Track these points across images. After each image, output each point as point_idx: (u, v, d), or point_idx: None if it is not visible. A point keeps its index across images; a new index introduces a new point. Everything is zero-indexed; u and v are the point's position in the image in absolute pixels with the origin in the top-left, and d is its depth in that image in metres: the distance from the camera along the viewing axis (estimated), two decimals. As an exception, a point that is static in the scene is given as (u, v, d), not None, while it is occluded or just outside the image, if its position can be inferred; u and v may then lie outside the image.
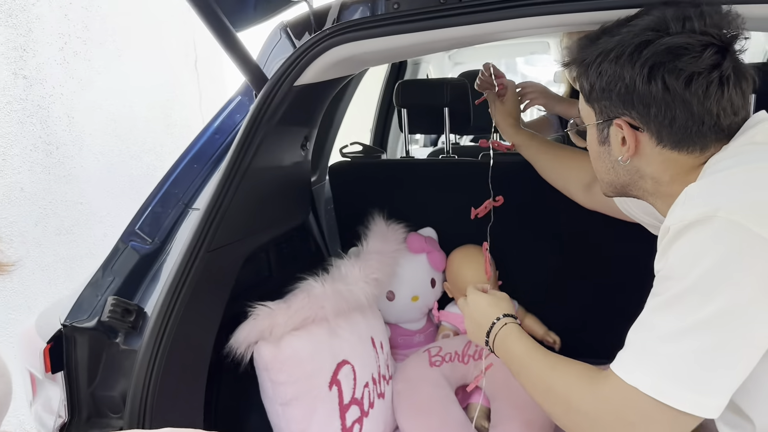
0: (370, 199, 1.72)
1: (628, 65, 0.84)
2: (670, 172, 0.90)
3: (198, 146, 1.32)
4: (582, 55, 0.92)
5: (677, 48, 0.82)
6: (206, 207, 1.12)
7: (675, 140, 0.86)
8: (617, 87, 0.86)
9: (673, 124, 0.85)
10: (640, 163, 0.92)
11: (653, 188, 0.94)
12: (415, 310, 1.68)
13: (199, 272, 1.11)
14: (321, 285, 1.33)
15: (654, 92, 0.83)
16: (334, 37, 1.18)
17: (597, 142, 0.97)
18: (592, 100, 0.94)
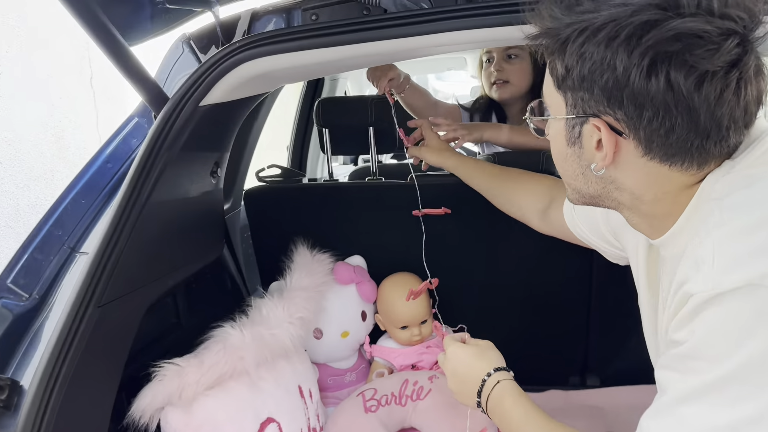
0: (291, 226, 1.58)
1: (622, 52, 0.65)
2: (655, 190, 0.75)
3: (86, 177, 1.13)
4: (557, 27, 0.71)
5: (690, 36, 0.63)
6: (95, 252, 0.93)
7: (667, 153, 0.70)
8: (603, 78, 0.68)
9: (670, 135, 0.68)
10: (617, 174, 0.76)
11: (631, 203, 0.79)
12: (345, 347, 1.54)
13: (88, 332, 0.92)
14: (239, 332, 1.17)
15: (653, 91, 0.65)
16: (243, 52, 1.04)
17: (564, 140, 0.79)
18: (565, 88, 0.74)
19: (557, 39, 0.71)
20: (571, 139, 0.77)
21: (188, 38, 1.24)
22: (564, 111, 0.76)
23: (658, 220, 0.78)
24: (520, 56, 1.77)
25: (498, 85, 1.81)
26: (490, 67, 1.81)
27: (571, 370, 1.66)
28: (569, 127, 0.77)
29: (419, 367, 1.51)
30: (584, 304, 1.55)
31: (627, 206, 0.80)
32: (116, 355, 1.00)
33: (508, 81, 1.80)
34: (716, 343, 0.61)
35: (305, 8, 1.15)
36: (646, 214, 0.79)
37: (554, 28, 0.71)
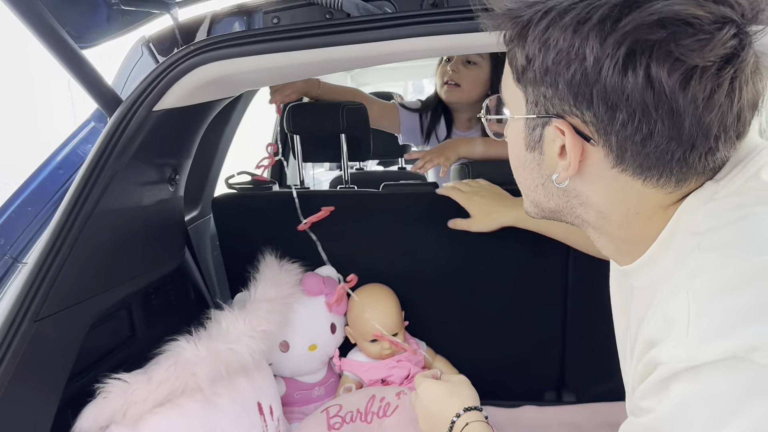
0: (260, 235, 1.53)
1: (594, 38, 0.54)
2: (624, 209, 0.63)
3: (35, 184, 1.08)
4: (519, 8, 0.60)
5: (677, 21, 0.52)
6: (33, 263, 0.88)
7: (642, 165, 0.59)
8: (570, 70, 0.56)
9: (647, 143, 0.56)
10: (582, 187, 0.64)
11: (597, 222, 0.68)
12: (313, 360, 1.49)
13: (22, 348, 0.87)
14: (194, 346, 1.12)
15: (629, 88, 0.54)
16: (199, 55, 1.00)
17: (523, 144, 0.68)
18: (525, 82, 0.63)
19: (517, 22, 0.60)
20: (531, 143, 0.67)
21: (148, 41, 1.20)
22: (523, 110, 0.65)
23: (627, 245, 0.68)
24: (479, 64, 1.74)
25: (449, 86, 1.77)
26: (447, 66, 1.77)
27: (547, 386, 1.62)
28: (529, 128, 0.66)
29: (389, 381, 1.46)
30: (560, 318, 1.51)
31: (592, 225, 0.69)
32: (55, 373, 0.95)
33: (459, 84, 1.76)
34: (689, 423, 0.51)
35: (266, 11, 1.11)
36: (613, 236, 0.68)
37: (515, 9, 0.60)
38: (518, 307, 1.54)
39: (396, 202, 1.49)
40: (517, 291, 1.52)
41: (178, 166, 1.22)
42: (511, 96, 0.68)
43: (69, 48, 1.00)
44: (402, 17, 0.99)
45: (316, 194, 1.55)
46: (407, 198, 1.49)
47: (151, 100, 1.02)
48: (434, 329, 1.58)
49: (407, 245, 1.52)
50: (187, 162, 1.27)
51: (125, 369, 1.09)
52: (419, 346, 1.55)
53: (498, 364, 1.61)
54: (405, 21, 0.99)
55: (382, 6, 1.05)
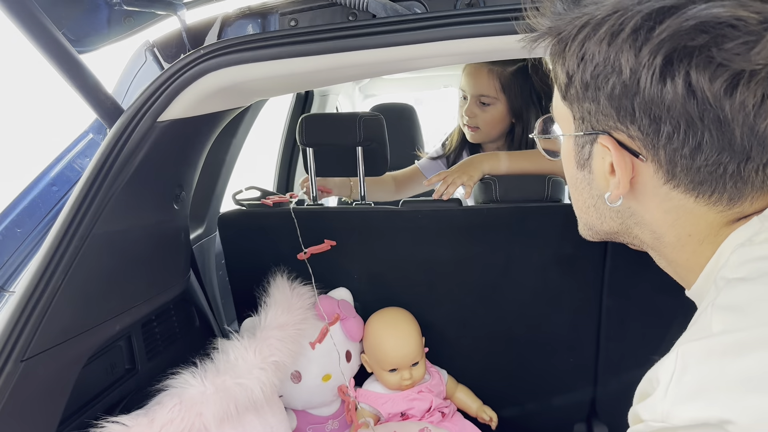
0: (269, 255, 1.43)
1: (628, 49, 0.52)
2: (677, 230, 0.60)
3: (25, 202, 0.97)
4: (559, 25, 0.58)
5: (718, 25, 0.49)
6: (19, 296, 0.78)
7: (695, 180, 0.56)
8: (609, 83, 0.55)
9: (697, 156, 0.53)
10: (636, 206, 0.62)
11: (653, 243, 0.65)
12: (327, 391, 1.38)
13: (7, 391, 0.76)
14: (200, 382, 1.01)
15: (669, 99, 0.52)
16: (209, 60, 0.90)
17: (574, 162, 0.66)
18: (570, 99, 0.62)
19: (558, 39, 0.58)
20: (581, 162, 0.65)
21: (152, 45, 1.10)
22: (572, 127, 0.63)
23: (682, 270, 0.65)
24: (493, 104, 1.64)
25: (470, 128, 1.71)
26: (464, 106, 1.70)
27: (577, 417, 1.51)
28: (578, 146, 0.64)
29: (409, 415, 1.35)
30: (593, 346, 1.40)
31: (650, 246, 0.66)
32: (44, 417, 0.84)
33: (478, 127, 1.69)
34: None
35: (283, 12, 1.02)
36: (670, 260, 0.65)
37: (555, 26, 0.58)
38: (547, 333, 1.43)
39: (416, 219, 1.39)
40: (546, 316, 1.42)
41: (184, 182, 1.12)
42: (559, 114, 0.66)
43: (65, 52, 0.91)
44: (434, 18, 0.90)
45: (331, 211, 1.44)
46: (428, 215, 1.39)
47: (155, 110, 0.93)
48: (457, 357, 1.48)
49: (427, 266, 1.42)
50: (193, 177, 1.17)
51: (125, 407, 0.98)
52: (441, 375, 1.45)
53: (524, 394, 1.50)
54: (437, 22, 0.90)
55: (412, 6, 0.96)
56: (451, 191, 1.43)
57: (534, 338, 1.44)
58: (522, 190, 1.38)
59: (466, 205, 1.42)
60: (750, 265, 0.53)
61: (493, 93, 1.63)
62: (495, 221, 1.37)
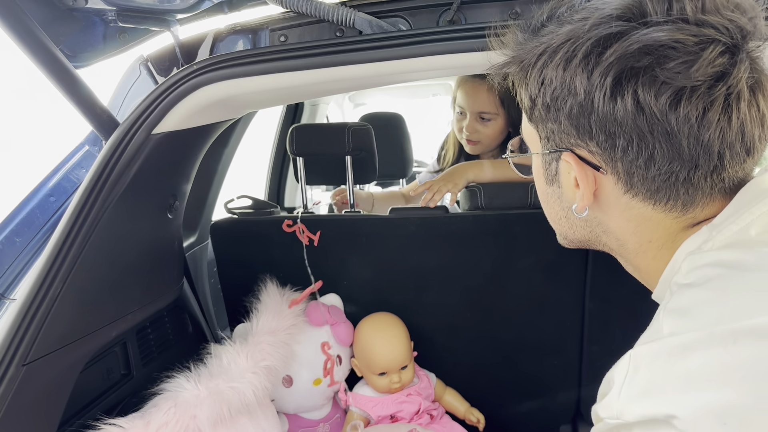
0: (261, 262, 1.46)
1: (581, 73, 0.57)
2: (639, 237, 0.65)
3: (24, 212, 1.00)
4: (520, 54, 0.64)
5: (659, 47, 0.54)
6: (21, 302, 0.81)
7: (650, 189, 0.60)
8: (567, 105, 0.60)
9: (650, 166, 0.58)
10: (601, 216, 0.67)
11: (619, 250, 0.70)
12: (317, 395, 1.41)
13: (9, 395, 0.79)
14: (194, 386, 1.04)
15: (620, 115, 0.57)
16: (202, 74, 0.94)
17: (543, 179, 0.72)
18: (535, 121, 0.67)
19: (520, 66, 0.64)
20: (549, 177, 0.70)
21: (146, 60, 1.13)
22: (539, 146, 0.69)
23: (645, 275, 0.69)
24: (494, 119, 1.68)
25: (470, 142, 1.74)
26: (463, 121, 1.72)
27: (563, 418, 1.55)
28: (546, 163, 0.69)
29: (398, 417, 1.38)
30: (577, 348, 1.44)
31: (617, 253, 0.71)
32: (45, 420, 0.87)
33: (479, 141, 1.72)
34: None
35: (273, 28, 1.06)
36: (634, 265, 0.70)
37: (517, 55, 0.65)
38: (532, 337, 1.47)
39: (404, 227, 1.43)
40: (531, 320, 1.46)
41: (178, 192, 1.16)
42: (527, 134, 0.72)
43: (62, 67, 0.94)
44: (418, 35, 0.94)
45: (321, 219, 1.48)
46: (416, 223, 1.43)
47: (150, 123, 0.96)
48: (445, 360, 1.51)
49: (416, 272, 1.45)
50: (186, 187, 1.20)
51: (121, 411, 1.01)
52: (429, 378, 1.48)
53: (511, 397, 1.54)
54: (421, 39, 0.93)
55: (396, 23, 1.00)
56: (437, 199, 1.47)
57: (520, 342, 1.48)
58: (506, 197, 1.42)
59: (452, 212, 1.46)
60: (698, 271, 0.57)
61: (494, 109, 1.66)
62: (480, 228, 1.41)
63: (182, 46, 1.10)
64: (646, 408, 0.50)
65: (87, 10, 1.01)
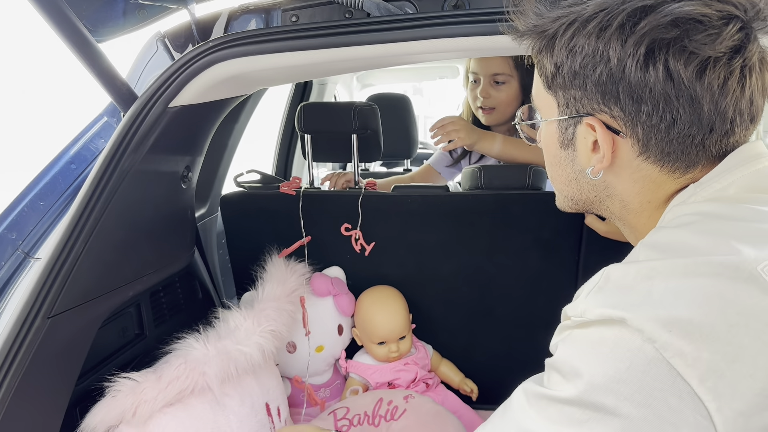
0: (268, 234, 1.52)
1: (615, 42, 0.62)
2: (641, 197, 0.70)
3: (47, 178, 1.06)
4: (544, 23, 0.67)
5: (688, 20, 0.59)
6: (47, 259, 0.87)
7: (664, 151, 0.66)
8: (597, 72, 0.64)
9: (671, 130, 0.64)
10: (611, 178, 0.71)
11: (620, 212, 0.75)
12: (319, 361, 1.48)
13: (35, 345, 0.86)
14: (203, 345, 1.10)
15: (651, 82, 0.61)
16: (217, 52, 0.99)
17: (557, 143, 0.75)
18: (555, 87, 0.70)
19: (544, 35, 0.67)
20: (564, 142, 0.73)
21: (163, 36, 1.19)
22: (556, 112, 0.72)
23: (640, 234, 0.73)
24: (508, 82, 1.68)
25: (484, 111, 1.73)
26: (476, 89, 1.72)
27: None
28: (562, 128, 0.73)
29: (396, 385, 1.45)
30: (568, 324, 1.50)
31: (617, 215, 0.76)
32: (67, 370, 0.94)
33: (494, 108, 1.72)
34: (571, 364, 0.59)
35: (285, 9, 1.10)
36: (632, 226, 0.75)
37: (540, 24, 0.68)
38: (527, 312, 1.52)
39: (406, 204, 1.48)
40: (527, 296, 1.51)
41: (191, 163, 1.21)
42: (542, 102, 0.75)
43: (86, 41, 0.99)
44: (423, 18, 0.98)
45: (326, 195, 1.54)
46: (417, 200, 1.48)
47: (167, 96, 1.01)
48: (442, 333, 1.57)
49: (416, 247, 1.51)
50: (199, 159, 1.26)
51: (134, 367, 1.08)
52: (426, 349, 1.55)
53: (504, 369, 1.59)
54: (426, 22, 0.98)
55: (403, 6, 1.05)
56: (444, 140, 1.53)
57: (515, 317, 1.53)
58: (505, 178, 1.47)
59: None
60: (678, 219, 0.64)
61: (508, 70, 1.65)
62: (479, 207, 1.46)
63: (198, 23, 1.15)
64: (606, 310, 0.57)
65: (109, -14, 1.06)
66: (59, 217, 1.02)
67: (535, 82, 0.75)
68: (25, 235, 1.00)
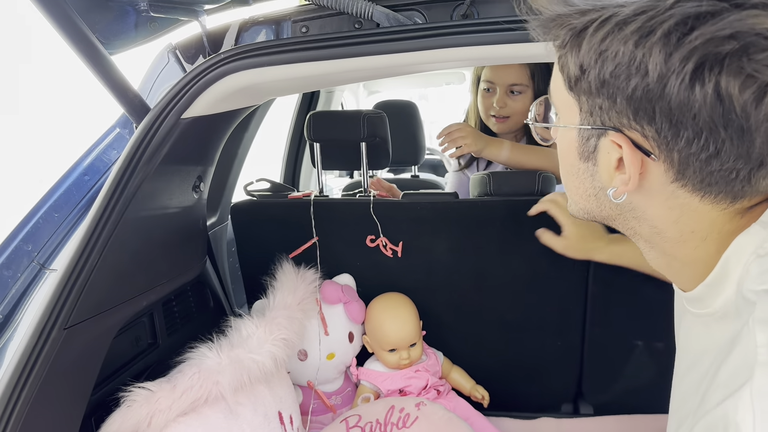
0: (278, 242, 1.53)
1: (658, 53, 0.50)
2: (680, 226, 0.60)
3: (61, 190, 1.08)
4: (571, 14, 0.56)
5: (752, 36, 0.48)
6: (63, 271, 0.88)
7: (704, 182, 0.55)
8: (630, 84, 0.53)
9: (712, 162, 0.53)
10: (639, 201, 0.61)
11: (650, 237, 0.64)
12: (331, 369, 1.48)
13: (51, 355, 0.87)
14: (216, 354, 1.11)
15: (696, 106, 0.50)
16: (228, 63, 1.00)
17: (576, 153, 0.64)
18: (578, 91, 0.59)
19: (570, 28, 0.56)
20: (584, 153, 0.62)
21: (174, 48, 1.20)
22: (577, 118, 0.61)
23: (678, 263, 0.65)
24: (524, 92, 1.67)
25: (498, 119, 1.73)
26: (491, 98, 1.71)
27: (564, 398, 1.61)
28: (582, 138, 0.62)
29: (407, 392, 1.45)
30: (579, 330, 1.50)
31: (645, 239, 0.66)
32: (83, 380, 0.95)
33: (509, 116, 1.71)
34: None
35: (295, 20, 1.11)
36: (666, 253, 0.65)
37: (566, 14, 0.56)
38: (536, 319, 1.53)
39: (415, 210, 1.49)
40: (536, 302, 1.51)
41: (203, 173, 1.22)
42: (562, 102, 0.63)
43: (99, 54, 1.00)
44: (432, 28, 0.99)
45: (336, 202, 1.54)
46: (427, 207, 1.49)
47: (180, 107, 1.02)
48: (451, 339, 1.58)
49: (426, 254, 1.52)
50: (210, 169, 1.27)
51: (148, 377, 1.08)
52: (437, 356, 1.55)
53: (515, 375, 1.60)
54: (435, 32, 0.98)
55: (412, 16, 1.05)
56: (451, 147, 1.54)
57: (524, 323, 1.54)
58: (514, 184, 1.48)
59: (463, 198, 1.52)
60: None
61: (525, 81, 1.65)
62: (489, 213, 1.47)
63: (209, 35, 1.16)
64: None
65: (121, 0, 1.07)
66: (74, 228, 1.04)
67: (555, 76, 0.63)
68: (40, 247, 1.01)
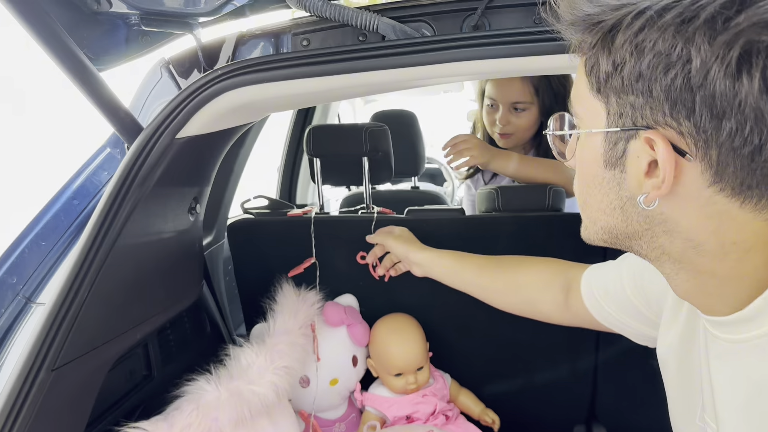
0: (277, 261, 1.47)
1: (701, 39, 0.48)
2: (720, 237, 0.56)
3: (48, 216, 1.01)
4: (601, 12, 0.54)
5: None
6: (49, 308, 0.82)
7: (744, 183, 0.52)
8: (669, 75, 0.50)
9: (756, 155, 0.50)
10: (671, 210, 0.57)
11: (683, 254, 0.59)
12: (334, 395, 1.42)
13: (39, 398, 0.80)
14: (215, 388, 1.05)
15: (742, 94, 0.48)
16: (226, 79, 0.94)
17: (600, 161, 0.60)
18: (608, 91, 0.56)
19: (600, 27, 0.54)
20: (611, 160, 0.59)
21: (167, 62, 1.14)
22: (603, 122, 0.58)
23: (716, 282, 0.59)
24: (528, 109, 1.63)
25: (503, 136, 1.69)
26: (494, 114, 1.67)
27: (577, 419, 1.55)
28: (610, 143, 0.58)
29: (414, 418, 1.39)
30: (592, 351, 1.45)
31: (675, 258, 0.60)
32: (73, 422, 0.88)
33: (512, 133, 1.67)
34: None
35: (296, 33, 1.06)
36: (701, 272, 0.59)
37: (595, 14, 0.54)
38: (546, 339, 1.47)
39: (421, 227, 1.43)
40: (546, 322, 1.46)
41: (199, 194, 1.16)
42: (586, 109, 0.60)
43: (88, 71, 0.94)
44: (441, 41, 0.93)
45: (337, 220, 1.49)
46: (432, 224, 1.43)
47: (174, 127, 0.96)
48: (459, 361, 1.52)
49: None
50: (207, 190, 1.21)
51: (143, 412, 1.02)
52: (444, 379, 1.49)
53: (526, 397, 1.54)
54: (445, 45, 0.93)
55: (420, 28, 1.00)
56: (457, 158, 1.49)
57: (534, 343, 1.48)
58: (523, 199, 1.42)
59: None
60: None
61: (528, 98, 1.61)
62: (497, 229, 1.42)
63: (204, 49, 1.10)
64: None
65: (111, 14, 1.01)
66: (62, 258, 0.97)
67: (577, 84, 0.61)
68: (26, 279, 0.95)
